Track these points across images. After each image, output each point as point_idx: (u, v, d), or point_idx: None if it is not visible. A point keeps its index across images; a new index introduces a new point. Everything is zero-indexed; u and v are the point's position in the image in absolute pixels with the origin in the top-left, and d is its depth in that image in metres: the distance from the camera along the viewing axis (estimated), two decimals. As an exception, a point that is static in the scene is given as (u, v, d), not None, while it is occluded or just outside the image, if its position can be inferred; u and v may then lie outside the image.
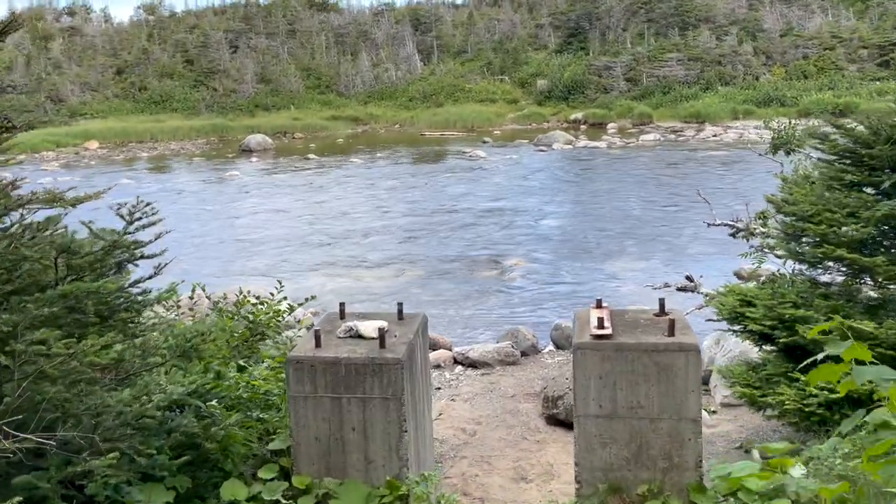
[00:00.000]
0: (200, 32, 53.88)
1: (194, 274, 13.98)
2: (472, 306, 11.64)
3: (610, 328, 3.76)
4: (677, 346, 3.60)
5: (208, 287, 12.60)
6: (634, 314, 4.15)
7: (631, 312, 4.21)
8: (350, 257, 14.78)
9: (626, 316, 4.12)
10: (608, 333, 3.71)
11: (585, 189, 21.42)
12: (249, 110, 45.18)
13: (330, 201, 20.89)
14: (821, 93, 37.96)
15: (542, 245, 15.23)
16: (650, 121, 37.78)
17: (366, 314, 4.43)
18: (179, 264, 14.91)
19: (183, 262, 14.78)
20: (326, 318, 4.37)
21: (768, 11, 47.59)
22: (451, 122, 39.92)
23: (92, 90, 47.42)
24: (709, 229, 15.84)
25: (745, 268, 12.80)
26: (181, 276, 13.43)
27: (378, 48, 54.25)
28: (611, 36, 50.97)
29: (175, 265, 13.98)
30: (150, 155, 33.89)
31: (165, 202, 21.69)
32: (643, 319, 4.04)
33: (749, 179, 21.65)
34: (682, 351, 3.60)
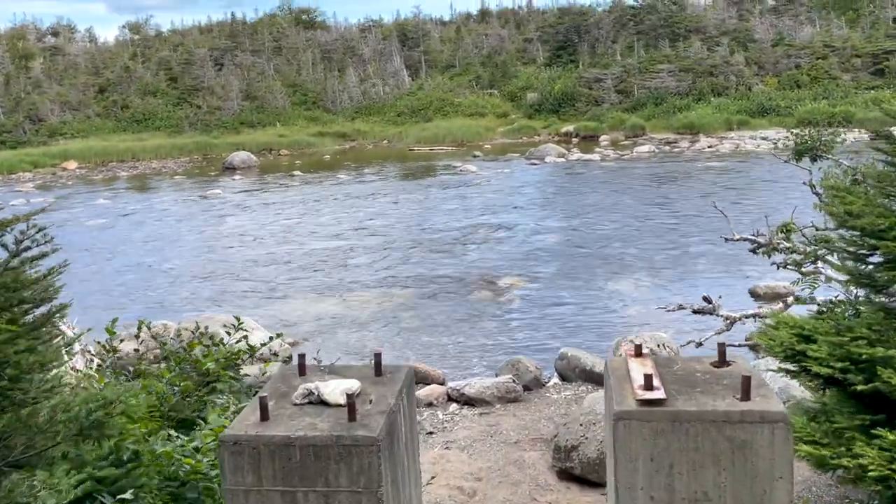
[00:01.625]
0: (184, 50, 53.00)
1: (163, 303, 12.93)
2: (466, 332, 10.63)
3: (662, 390, 2.77)
4: (758, 415, 2.61)
5: (177, 317, 11.56)
6: (686, 365, 3.16)
7: (680, 362, 3.22)
8: (333, 279, 13.76)
9: (674, 367, 3.13)
10: (661, 398, 2.72)
11: (582, 203, 20.50)
12: (234, 128, 44.19)
13: (314, 220, 19.88)
14: (815, 102, 37.35)
15: (540, 263, 14.26)
16: (643, 133, 37.04)
17: (334, 368, 3.42)
18: (148, 293, 13.87)
19: (153, 291, 13.74)
20: (280, 374, 3.34)
21: (759, 22, 47.15)
22: (441, 137, 39.05)
23: (73, 109, 46.34)
24: (717, 244, 14.93)
25: (762, 285, 11.88)
26: (149, 307, 12.34)
27: (365, 64, 53.51)
28: (600, 48, 50.43)
29: (144, 294, 12.88)
30: (130, 174, 32.82)
31: (140, 223, 20.66)
32: (699, 373, 3.05)
33: (755, 190, 20.82)
34: (765, 422, 2.62)
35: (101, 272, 15.15)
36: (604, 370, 3.30)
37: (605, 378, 3.21)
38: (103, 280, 14.50)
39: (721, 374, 3.02)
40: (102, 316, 12.29)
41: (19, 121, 43.33)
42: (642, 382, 2.83)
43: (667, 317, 10.64)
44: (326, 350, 10.17)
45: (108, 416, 2.83)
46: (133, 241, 18.15)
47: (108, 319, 12.31)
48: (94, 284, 14.22)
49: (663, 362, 3.21)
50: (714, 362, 3.16)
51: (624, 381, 2.99)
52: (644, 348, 3.24)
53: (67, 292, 12.27)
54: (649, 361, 3.10)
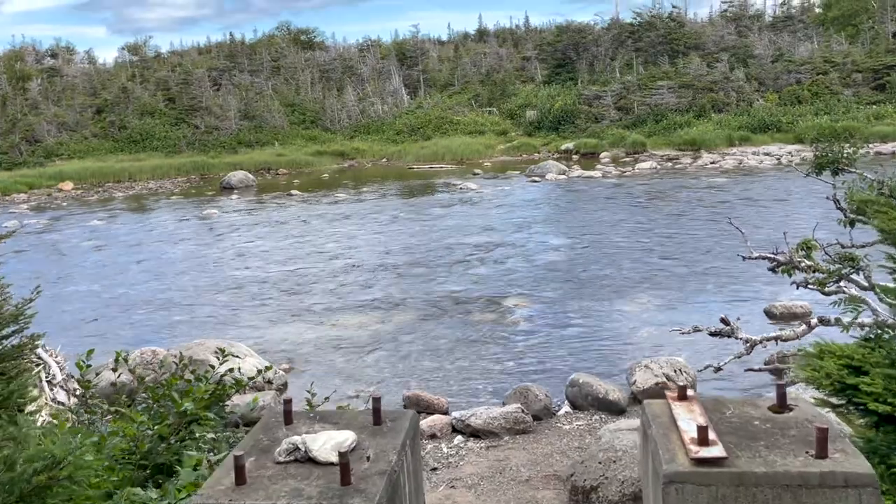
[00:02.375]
0: (182, 70, 52.88)
1: (154, 327, 12.44)
2: (469, 356, 10.14)
3: (720, 446, 2.29)
4: (842, 478, 2.14)
5: (168, 343, 11.07)
6: (740, 410, 2.68)
7: (732, 406, 2.74)
8: (331, 301, 13.27)
9: (726, 413, 2.66)
10: (721, 456, 2.24)
11: (585, 220, 20.07)
12: (232, 147, 43.92)
13: (312, 239, 19.44)
14: (817, 117, 37.12)
15: (545, 282, 13.80)
16: (644, 149, 36.73)
17: (325, 415, 2.93)
18: (139, 317, 13.38)
19: (144, 314, 13.25)
20: (263, 424, 2.85)
21: (758, 38, 47.07)
22: (440, 155, 38.74)
23: (70, 130, 46.09)
24: (727, 262, 14.48)
25: (777, 305, 11.41)
26: (140, 331, 11.84)
27: (364, 83, 53.40)
28: (599, 65, 50.32)
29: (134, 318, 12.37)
30: (126, 195, 32.42)
31: (133, 245, 20.21)
32: (758, 420, 2.58)
33: (765, 206, 20.41)
34: (850, 487, 2.14)
35: (93, 295, 14.68)
36: (641, 416, 2.82)
37: (644, 425, 2.73)
38: (94, 304, 14.02)
39: (785, 423, 2.54)
40: (91, 343, 11.81)
41: (15, 142, 43.04)
42: (695, 435, 2.35)
43: (680, 339, 10.15)
44: (323, 378, 9.68)
45: (53, 480, 2.35)
46: (125, 263, 17.68)
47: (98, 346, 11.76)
48: (85, 308, 13.75)
49: (712, 406, 2.73)
50: (773, 406, 2.69)
51: (669, 431, 2.51)
52: (689, 389, 2.76)
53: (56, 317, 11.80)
54: (698, 407, 2.63)
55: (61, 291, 15.07)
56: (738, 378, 8.77)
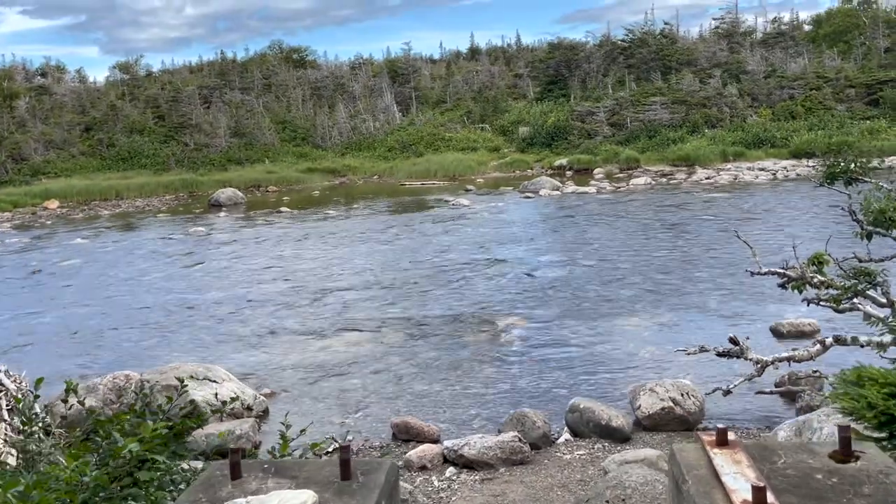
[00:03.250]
0: (172, 87, 52.49)
1: (131, 349, 11.85)
2: (462, 379, 9.60)
3: (785, 513, 1.78)
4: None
5: (144, 366, 10.48)
6: (793, 458, 2.17)
7: (783, 453, 2.23)
8: (317, 321, 12.72)
9: (778, 463, 2.15)
10: (787, 529, 1.73)
11: (580, 237, 19.62)
12: (222, 165, 43.43)
13: (299, 257, 18.90)
14: (811, 132, 36.96)
15: (540, 300, 13.28)
16: (637, 165, 36.45)
17: (282, 467, 2.40)
18: (116, 339, 12.78)
19: (122, 336, 12.67)
20: (205, 480, 2.30)
21: (750, 54, 47.06)
22: (432, 172, 38.36)
23: (57, 148, 45.53)
24: (729, 279, 14.02)
25: (784, 322, 10.92)
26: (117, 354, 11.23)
27: (356, 100, 53.10)
28: (591, 82, 50.22)
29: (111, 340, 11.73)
30: (113, 213, 31.84)
31: (115, 263, 19.63)
32: (819, 473, 2.07)
33: (764, 221, 20.00)
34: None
35: (70, 316, 14.08)
36: (670, 463, 2.30)
37: (676, 478, 2.21)
38: (71, 325, 13.43)
39: (855, 477, 2.03)
40: (63, 366, 11.21)
41: (1, 160, 42.43)
42: (748, 497, 1.84)
43: (684, 359, 9.65)
44: (306, 404, 9.13)
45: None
46: (106, 283, 17.09)
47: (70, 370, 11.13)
48: (61, 330, 13.15)
49: (759, 454, 2.21)
50: (834, 454, 2.17)
51: (712, 489, 1.99)
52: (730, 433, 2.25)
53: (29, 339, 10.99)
54: (744, 456, 2.11)
55: (36, 312, 14.47)
56: (748, 401, 8.26)
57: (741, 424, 7.71)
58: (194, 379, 8.57)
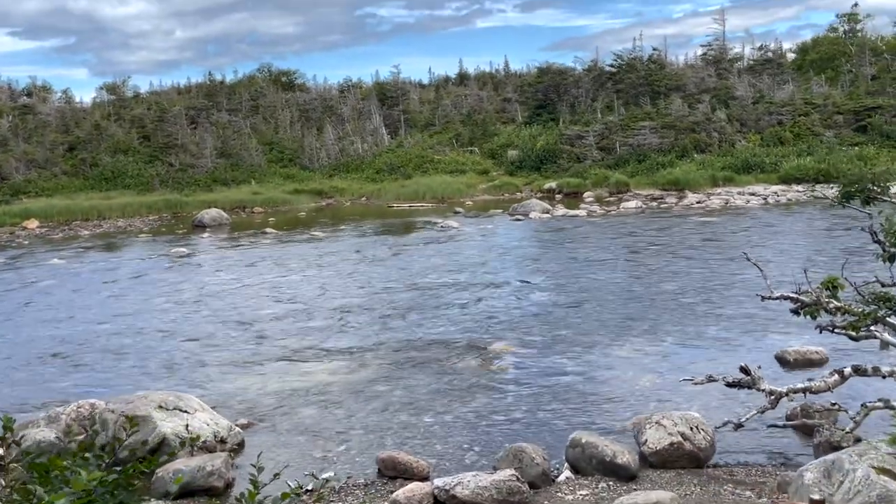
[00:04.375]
0: (158, 107, 51.95)
1: (103, 376, 11.17)
2: (453, 409, 9.00)
3: None
4: None
5: (112, 394, 9.81)
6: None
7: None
8: (299, 346, 12.10)
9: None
10: None
11: (573, 260, 19.14)
12: (207, 185, 42.75)
13: (282, 279, 18.28)
14: (800, 158, 36.88)
15: (533, 325, 12.74)
16: (627, 189, 36.17)
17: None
18: (86, 364, 12.06)
19: (92, 361, 11.99)
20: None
21: (738, 80, 47.21)
22: (420, 194, 37.90)
23: (38, 167, 44.72)
24: (729, 304, 13.54)
25: (790, 350, 10.42)
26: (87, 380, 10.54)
27: (344, 122, 52.73)
28: (580, 107, 50.18)
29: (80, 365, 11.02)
30: (93, 233, 31.06)
31: (90, 284, 18.91)
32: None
33: (762, 245, 19.57)
34: None
35: (38, 339, 13.37)
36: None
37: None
38: (39, 348, 12.72)
39: None
40: (24, 394, 10.49)
41: (-20, 179, 41.59)
42: None
43: (687, 389, 9.13)
44: (286, 436, 8.50)
45: None
46: (79, 305, 16.38)
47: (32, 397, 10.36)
48: (26, 354, 12.44)
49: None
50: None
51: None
52: None
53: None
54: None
55: (3, 335, 13.75)
56: (761, 436, 7.72)
57: (756, 462, 7.15)
58: (163, 409, 7.96)
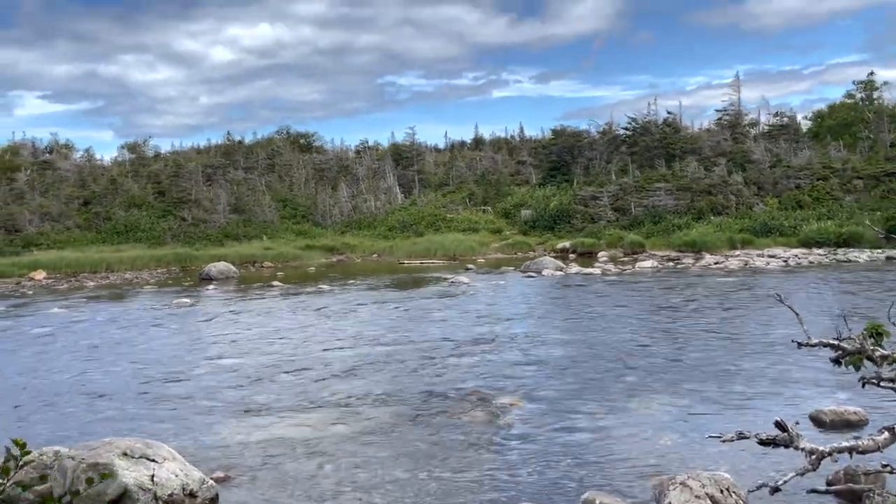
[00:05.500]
0: (174, 163, 52.35)
1: (79, 422, 10.41)
2: (452, 466, 8.14)
3: None
4: None
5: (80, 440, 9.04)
6: None
7: None
8: (291, 397, 11.30)
9: None
10: None
11: (586, 315, 18.32)
12: (218, 240, 42.59)
13: (283, 329, 17.57)
14: (820, 222, 36.13)
15: (543, 379, 11.89)
16: (642, 250, 35.49)
17: None
18: (67, 410, 11.32)
19: (72, 407, 11.24)
20: None
21: (754, 144, 46.95)
22: (432, 251, 37.38)
23: (52, 220, 44.83)
24: (755, 360, 12.66)
25: (826, 410, 9.49)
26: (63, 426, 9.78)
27: (359, 181, 52.85)
28: (594, 169, 50.00)
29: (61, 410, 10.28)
30: (98, 284, 30.66)
31: (85, 333, 18.31)
32: None
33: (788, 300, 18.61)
34: None
35: (23, 386, 12.66)
36: None
37: None
38: (17, 394, 11.99)
39: None
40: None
41: (-7, 231, 41.66)
42: None
43: (712, 449, 8.24)
44: (266, 491, 7.66)
45: None
46: (69, 352, 15.72)
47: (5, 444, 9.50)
48: (7, 400, 11.72)
49: None
50: None
51: None
52: None
53: None
54: None
55: (-15, 380, 13.07)
56: (798, 501, 6.79)
57: (797, 531, 6.21)
58: (128, 457, 7.17)
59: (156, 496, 6.82)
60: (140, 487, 6.80)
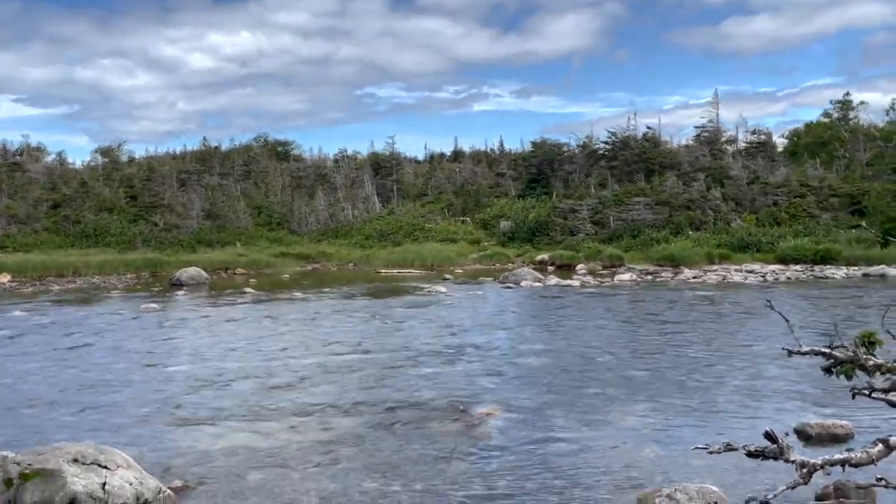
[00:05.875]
0: (147, 167, 51.44)
1: (29, 428, 9.82)
2: (426, 477, 7.70)
3: None
4: None
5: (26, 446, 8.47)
6: None
7: None
8: (259, 403, 10.80)
9: None
10: None
11: (565, 326, 18.00)
12: (191, 246, 41.79)
13: (252, 336, 17.01)
14: (797, 238, 36.28)
15: (521, 389, 11.50)
16: (621, 263, 35.36)
17: None
18: (19, 414, 10.75)
19: (26, 411, 10.64)
20: None
21: (732, 161, 47.23)
22: (410, 261, 36.95)
23: (19, 223, 43.73)
24: (738, 372, 12.40)
25: (812, 424, 9.19)
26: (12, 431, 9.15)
27: (337, 190, 52.32)
28: (574, 182, 49.99)
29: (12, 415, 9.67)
30: (64, 288, 29.79)
31: (45, 336, 17.62)
32: None
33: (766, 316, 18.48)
34: None
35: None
36: None
37: None
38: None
39: None
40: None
41: (-43, 232, 40.50)
42: None
43: (696, 462, 7.91)
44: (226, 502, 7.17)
45: None
46: (28, 354, 15.04)
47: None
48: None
49: None
50: None
51: None
52: None
53: None
54: None
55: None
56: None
57: (790, 548, 5.86)
58: (79, 463, 6.65)
59: None
60: (90, 496, 6.28)
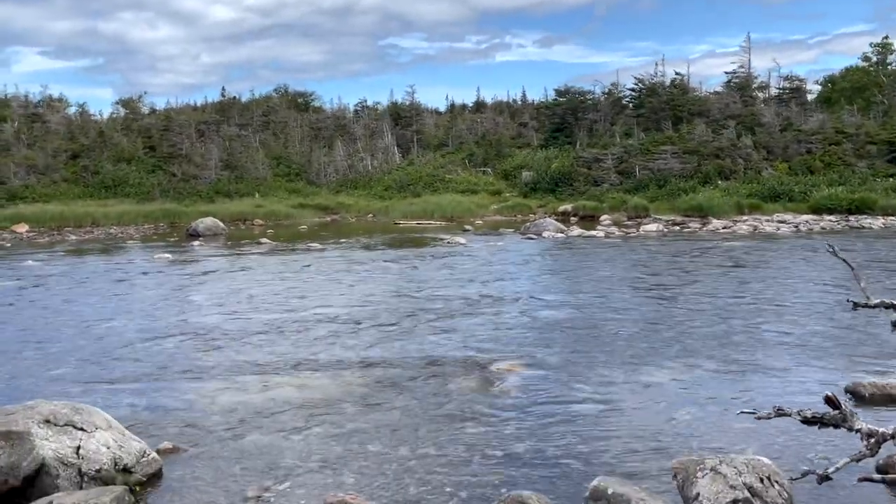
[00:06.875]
0: (165, 116, 50.77)
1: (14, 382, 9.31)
2: (438, 440, 7.05)
3: None
4: None
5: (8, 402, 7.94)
6: None
7: None
8: (265, 357, 10.20)
9: None
10: None
11: (590, 277, 17.20)
12: (209, 196, 41.31)
13: (265, 286, 16.46)
14: (832, 188, 34.86)
15: (542, 343, 10.78)
16: (647, 214, 34.29)
17: None
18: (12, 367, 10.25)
19: (19, 364, 10.15)
20: None
21: (764, 107, 45.41)
22: (429, 212, 36.16)
23: (38, 173, 43.46)
24: (780, 324, 11.56)
25: (866, 383, 8.38)
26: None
27: (356, 141, 51.34)
28: (598, 130, 48.52)
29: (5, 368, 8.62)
30: (81, 238, 29.50)
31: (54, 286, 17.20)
32: None
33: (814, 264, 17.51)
34: None
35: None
36: None
37: None
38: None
39: None
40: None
41: (-25, 182, 40.32)
42: None
43: (737, 425, 7.17)
44: (218, 466, 6.58)
45: None
46: (33, 306, 14.61)
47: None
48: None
49: None
50: None
51: None
52: None
53: None
54: None
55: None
56: (850, 491, 5.70)
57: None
58: (51, 424, 6.05)
59: (80, 472, 5.72)
60: (61, 462, 5.70)
